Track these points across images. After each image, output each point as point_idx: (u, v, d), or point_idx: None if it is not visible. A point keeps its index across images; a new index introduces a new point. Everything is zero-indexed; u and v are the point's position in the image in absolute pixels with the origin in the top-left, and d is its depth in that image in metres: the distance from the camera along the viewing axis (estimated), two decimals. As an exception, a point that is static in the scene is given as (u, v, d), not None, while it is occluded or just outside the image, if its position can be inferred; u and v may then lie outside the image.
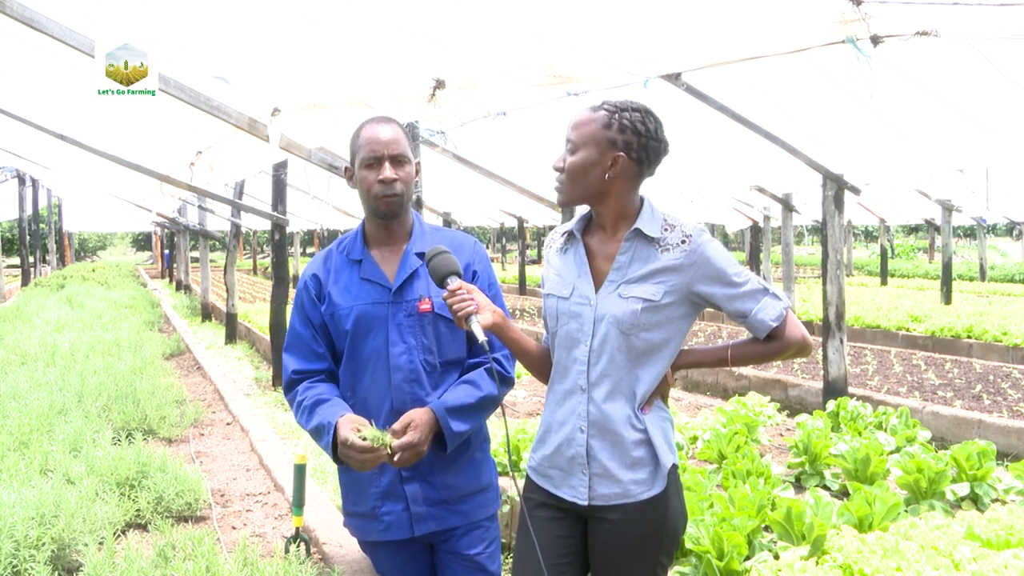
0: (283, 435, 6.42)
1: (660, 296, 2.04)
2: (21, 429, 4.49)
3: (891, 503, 3.47)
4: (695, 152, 10.20)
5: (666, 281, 2.04)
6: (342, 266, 2.37)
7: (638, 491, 2.07)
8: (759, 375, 8.09)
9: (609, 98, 2.10)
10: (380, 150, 2.25)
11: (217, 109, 4.94)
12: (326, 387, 2.34)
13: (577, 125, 2.06)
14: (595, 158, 2.03)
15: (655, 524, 2.08)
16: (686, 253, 2.04)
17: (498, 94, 4.98)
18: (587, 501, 2.10)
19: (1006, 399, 6.70)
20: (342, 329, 2.32)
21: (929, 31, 3.61)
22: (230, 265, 13.04)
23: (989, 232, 34.16)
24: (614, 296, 2.07)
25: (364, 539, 2.44)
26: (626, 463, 2.07)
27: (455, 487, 2.34)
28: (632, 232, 2.08)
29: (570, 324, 2.12)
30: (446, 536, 2.37)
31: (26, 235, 22.42)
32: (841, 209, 6.18)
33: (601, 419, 2.08)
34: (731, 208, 20.20)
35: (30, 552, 3.02)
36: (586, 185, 2.06)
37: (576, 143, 2.05)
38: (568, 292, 2.14)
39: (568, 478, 2.12)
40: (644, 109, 2.07)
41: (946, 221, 15.30)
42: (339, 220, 24.39)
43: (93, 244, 59.31)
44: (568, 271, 2.16)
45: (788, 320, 2.08)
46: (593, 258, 2.14)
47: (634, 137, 2.03)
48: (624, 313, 2.05)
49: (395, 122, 2.34)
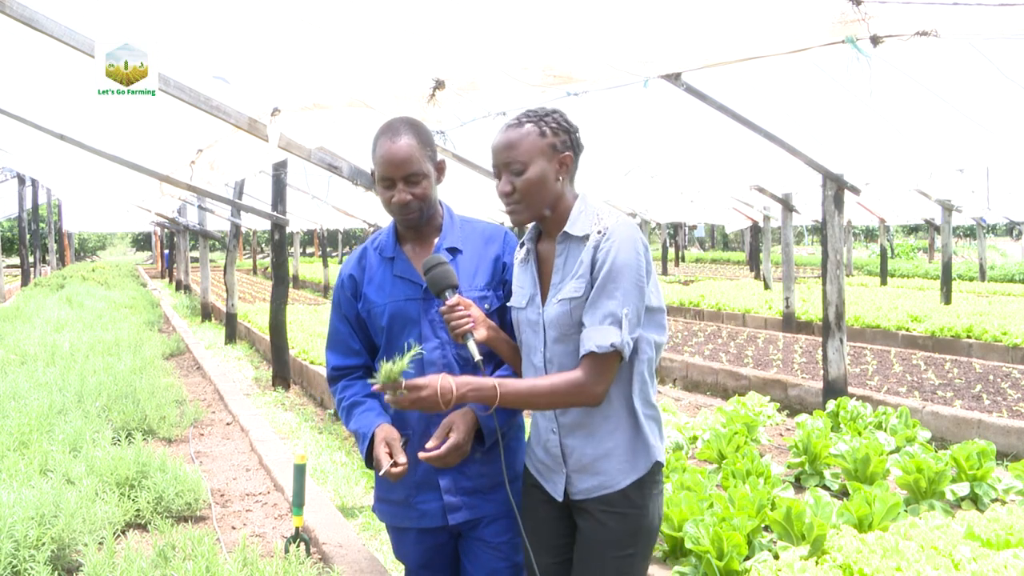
0: (283, 435, 6.43)
1: (582, 291, 2.03)
2: (21, 429, 4.49)
3: (891, 503, 3.47)
4: (695, 152, 10.21)
5: (584, 274, 2.04)
6: (377, 264, 2.42)
7: (614, 481, 2.10)
8: (759, 375, 8.09)
9: (518, 113, 2.14)
10: (392, 172, 2.26)
11: (217, 109, 4.94)
12: (362, 385, 2.42)
13: (512, 145, 2.07)
14: (546, 166, 2.07)
15: (633, 512, 2.10)
16: (594, 246, 2.03)
17: (498, 94, 4.98)
18: (562, 497, 2.16)
19: (1006, 399, 6.70)
20: (378, 325, 2.38)
21: (929, 31, 3.61)
22: (230, 265, 13.04)
23: (989, 232, 34.17)
24: (552, 301, 2.10)
25: (396, 525, 2.48)
26: (599, 454, 2.10)
27: (489, 475, 2.36)
28: (562, 235, 2.11)
29: (527, 333, 2.18)
30: (475, 524, 2.39)
31: (26, 235, 22.42)
32: (841, 209, 6.18)
33: (568, 419, 2.13)
34: (731, 208, 20.23)
35: (30, 552, 3.01)
36: (544, 195, 2.09)
37: (523, 161, 2.06)
38: (524, 302, 2.18)
39: (551, 474, 2.20)
40: (557, 110, 2.14)
41: (946, 221, 15.29)
42: (339, 220, 24.39)
43: (93, 244, 59.33)
44: (525, 282, 2.21)
45: (604, 361, 1.99)
46: (543, 265, 2.19)
47: (566, 135, 2.10)
48: (558, 315, 2.07)
49: (410, 131, 2.29)
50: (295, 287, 24.85)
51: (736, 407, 5.63)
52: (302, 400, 8.79)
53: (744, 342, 10.73)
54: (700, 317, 14.86)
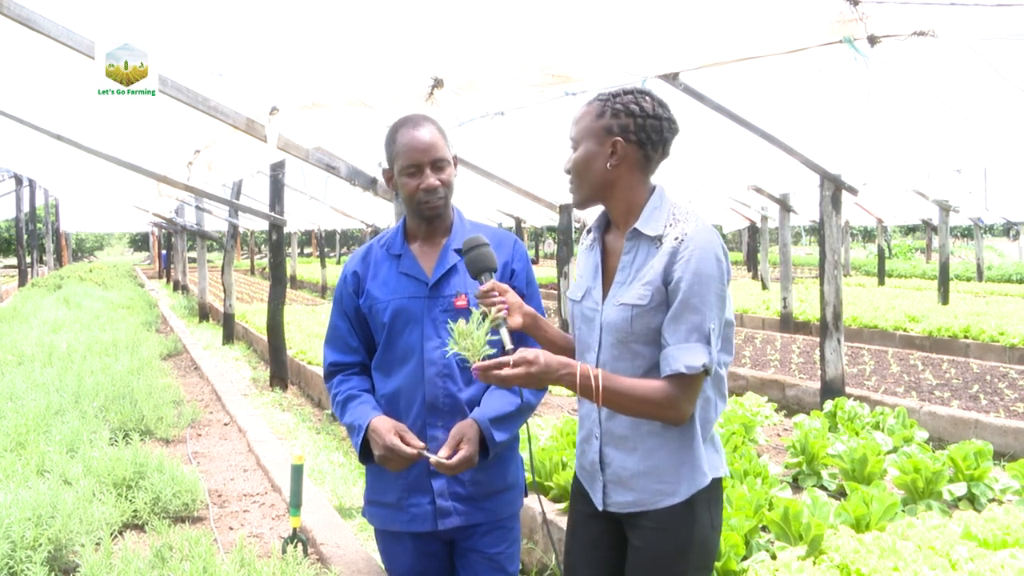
0: (280, 435, 6.42)
1: (648, 300, 1.89)
2: (18, 430, 4.48)
3: (888, 503, 3.47)
4: (692, 152, 10.20)
5: (653, 281, 1.89)
6: (382, 260, 2.40)
7: (654, 500, 1.96)
8: (757, 375, 8.09)
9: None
10: (420, 158, 2.26)
11: (214, 109, 4.93)
12: (358, 381, 2.40)
13: (575, 122, 2.01)
14: (594, 149, 1.95)
15: (677, 536, 1.96)
16: (670, 254, 1.88)
17: (496, 94, 4.98)
18: (602, 507, 2.06)
19: (1003, 399, 6.71)
20: (380, 322, 2.35)
21: (926, 31, 3.61)
22: (227, 265, 13.02)
23: (986, 232, 34.22)
24: (613, 301, 1.97)
25: (385, 528, 2.45)
26: (640, 471, 1.97)
27: (482, 483, 2.34)
28: (632, 231, 1.96)
29: (582, 329, 2.07)
30: (468, 533, 2.37)
31: (23, 235, 22.40)
32: (839, 209, 6.18)
33: (613, 427, 2.01)
34: (729, 208, 20.23)
35: (27, 553, 3.01)
36: (592, 179, 1.97)
37: (576, 139, 1.99)
38: (580, 295, 2.09)
39: (592, 482, 2.09)
40: (639, 91, 1.97)
41: (943, 221, 15.31)
42: (337, 220, 24.41)
43: (90, 244, 59.23)
44: (586, 272, 2.09)
45: (692, 382, 1.86)
46: (608, 258, 2.05)
47: (628, 119, 1.93)
48: (618, 320, 1.94)
49: (431, 122, 2.32)
50: (293, 287, 24.82)
51: (734, 407, 5.63)
52: (300, 400, 8.78)
53: (742, 342, 10.73)
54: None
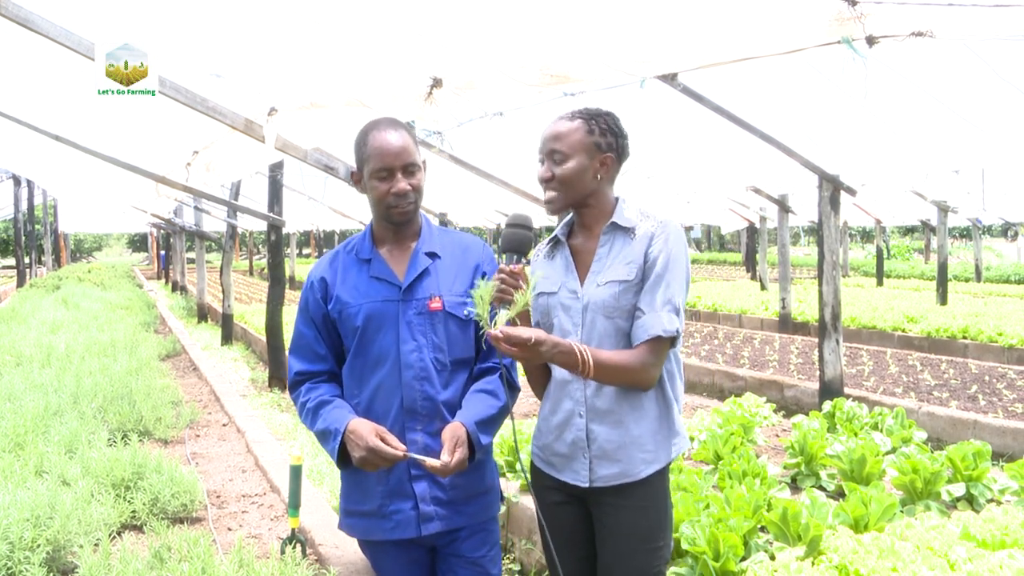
0: (279, 436, 6.41)
1: (633, 275, 2.15)
2: (16, 430, 4.47)
3: (887, 503, 3.47)
4: (691, 153, 10.22)
5: (635, 260, 2.16)
6: (350, 265, 2.37)
7: (638, 469, 2.18)
8: (755, 376, 8.10)
9: (575, 108, 2.27)
10: (391, 162, 2.25)
11: (213, 110, 4.93)
12: (328, 388, 2.36)
13: (559, 137, 2.20)
14: (586, 163, 2.19)
15: (655, 502, 2.20)
16: (648, 238, 2.16)
17: (495, 94, 4.98)
18: (588, 483, 2.21)
19: (1001, 399, 6.71)
20: (351, 327, 2.32)
21: (924, 32, 3.61)
22: (226, 266, 13.01)
23: (985, 233, 34.24)
24: (594, 285, 2.21)
25: (368, 539, 2.42)
26: (624, 442, 2.18)
27: (462, 487, 2.33)
28: (609, 226, 2.23)
29: (560, 316, 2.25)
30: (451, 538, 2.36)
31: (21, 236, 22.38)
32: (837, 210, 6.19)
33: (598, 402, 2.20)
34: (727, 209, 20.25)
35: (25, 554, 3.00)
36: (580, 189, 2.21)
37: (565, 152, 2.18)
38: (556, 288, 2.27)
39: (570, 462, 2.24)
40: (612, 113, 2.26)
41: (942, 222, 15.32)
42: (335, 221, 24.40)
43: (89, 245, 59.18)
44: (555, 271, 2.29)
45: (664, 347, 2.13)
46: (577, 256, 2.29)
47: (614, 138, 2.23)
48: (605, 297, 2.17)
49: (402, 126, 2.33)
50: (291, 288, 24.75)
51: (732, 408, 5.63)
52: (298, 401, 8.76)
53: (740, 343, 10.74)
54: (696, 318, 14.86)
